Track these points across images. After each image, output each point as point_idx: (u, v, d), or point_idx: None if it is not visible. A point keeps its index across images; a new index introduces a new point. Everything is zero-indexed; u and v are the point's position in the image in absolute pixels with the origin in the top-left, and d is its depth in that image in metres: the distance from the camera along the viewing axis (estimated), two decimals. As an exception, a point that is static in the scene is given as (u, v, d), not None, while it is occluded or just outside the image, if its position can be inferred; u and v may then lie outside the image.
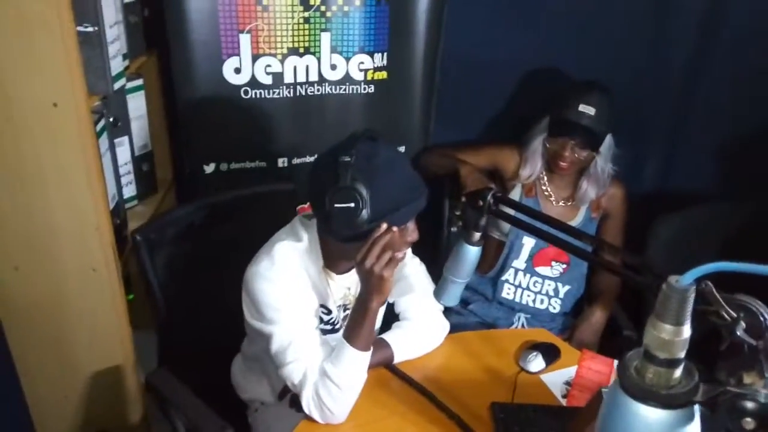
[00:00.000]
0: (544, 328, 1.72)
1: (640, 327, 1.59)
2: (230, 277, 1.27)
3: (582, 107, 1.66)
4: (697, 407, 0.39)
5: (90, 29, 1.28)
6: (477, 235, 1.13)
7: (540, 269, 1.81)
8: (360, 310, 1.18)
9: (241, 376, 1.46)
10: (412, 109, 1.93)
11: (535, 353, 1.38)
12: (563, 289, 1.82)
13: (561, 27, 1.97)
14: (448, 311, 1.70)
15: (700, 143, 2.15)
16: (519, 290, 1.82)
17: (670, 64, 2.07)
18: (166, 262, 1.48)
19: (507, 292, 1.82)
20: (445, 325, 1.44)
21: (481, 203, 1.11)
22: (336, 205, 1.11)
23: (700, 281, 0.91)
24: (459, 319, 1.83)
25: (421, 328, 1.39)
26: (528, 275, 1.81)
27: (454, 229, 1.15)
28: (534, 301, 1.82)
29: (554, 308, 1.83)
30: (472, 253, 1.14)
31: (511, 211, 1.19)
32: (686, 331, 0.38)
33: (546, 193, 1.82)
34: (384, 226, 1.13)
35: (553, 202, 1.82)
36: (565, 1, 1.95)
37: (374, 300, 1.16)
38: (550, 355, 1.39)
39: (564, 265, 1.80)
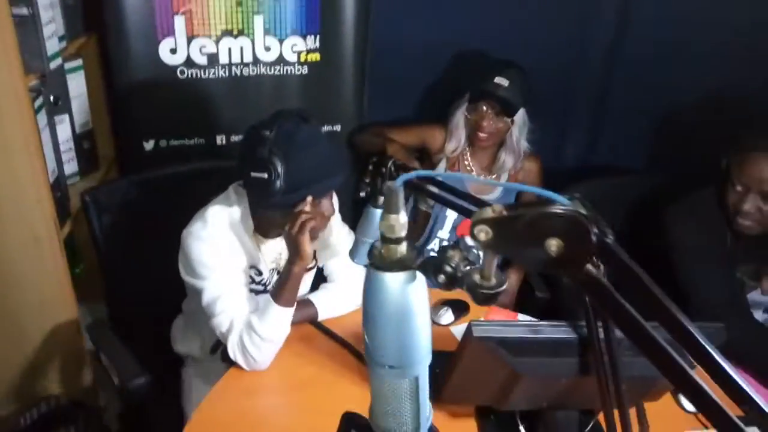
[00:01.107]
0: (468, 292, 1.87)
1: (552, 289, 1.76)
2: (172, 246, 1.37)
3: (497, 79, 1.82)
4: (419, 273, 0.55)
5: (24, 11, 1.36)
6: (381, 199, 1.26)
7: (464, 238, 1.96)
8: (284, 272, 1.32)
9: (179, 331, 1.58)
10: (345, 89, 2.04)
11: (445, 308, 1.53)
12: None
13: (486, 10, 2.10)
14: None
15: (618, 120, 2.33)
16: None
17: (590, 46, 2.23)
18: (111, 228, 1.59)
19: (432, 259, 1.97)
20: (367, 286, 1.57)
21: (383, 170, 1.24)
22: (252, 174, 1.24)
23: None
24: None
25: (343, 288, 1.52)
26: (446, 239, 1.96)
27: (362, 194, 1.28)
28: (457, 267, 1.98)
29: (475, 273, 1.98)
30: (377, 214, 1.27)
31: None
32: (403, 217, 0.53)
33: (468, 168, 1.97)
34: (309, 199, 1.25)
35: (475, 175, 1.97)
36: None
37: (296, 264, 1.29)
38: (460, 309, 1.54)
39: (484, 234, 1.95)
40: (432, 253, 1.98)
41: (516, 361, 1.02)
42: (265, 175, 1.22)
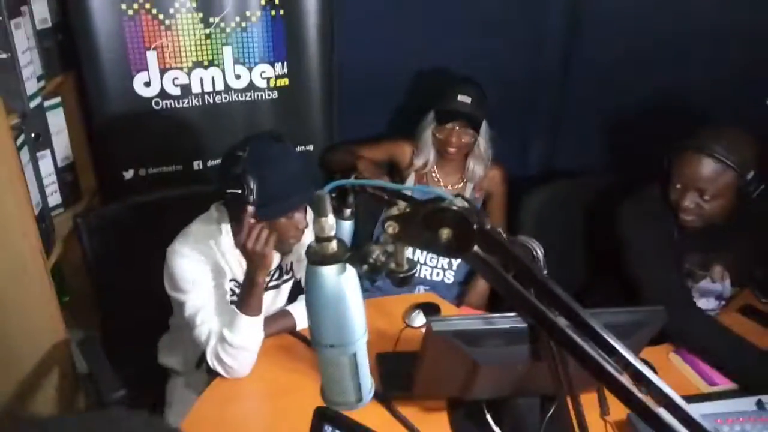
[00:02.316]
0: (444, 296, 1.96)
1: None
2: (157, 266, 1.46)
3: (460, 97, 1.94)
4: (349, 266, 0.64)
5: (3, 56, 1.45)
6: (347, 211, 1.35)
7: (434, 245, 2.05)
8: (248, 284, 1.39)
9: (165, 346, 1.67)
10: (314, 111, 2.14)
11: (417, 311, 1.62)
12: (456, 262, 2.07)
13: (444, 29, 2.20)
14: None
15: (576, 126, 2.45)
16: (417, 265, 2.07)
17: (544, 58, 2.35)
18: (101, 249, 1.69)
19: (406, 267, 2.07)
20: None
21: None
22: (229, 191, 1.33)
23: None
24: (366, 295, 2.06)
25: (319, 298, 1.61)
26: (424, 251, 2.06)
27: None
28: (431, 274, 2.08)
29: (449, 279, 2.08)
30: (345, 226, 1.36)
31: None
32: (331, 219, 0.62)
33: (436, 179, 2.07)
34: (250, 209, 1.33)
35: (443, 186, 2.07)
36: (444, 6, 2.19)
37: (259, 275, 1.37)
38: (431, 311, 1.64)
39: (454, 240, 2.05)
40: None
41: (473, 351, 1.11)
42: (240, 191, 1.31)
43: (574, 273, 1.97)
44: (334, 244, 0.64)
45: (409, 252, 2.05)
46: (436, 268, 2.08)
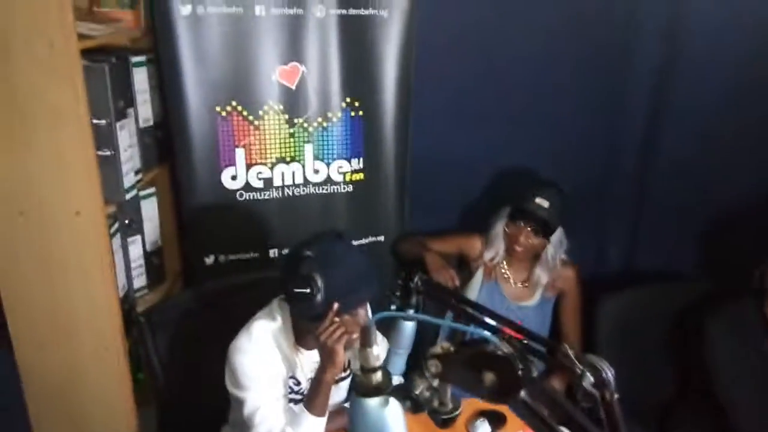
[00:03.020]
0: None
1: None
2: (223, 356, 1.48)
3: (538, 200, 1.92)
4: (393, 398, 0.63)
5: (108, 153, 1.61)
6: (410, 312, 1.35)
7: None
8: (316, 380, 1.40)
9: None
10: (387, 204, 2.20)
11: (482, 419, 1.56)
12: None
13: (519, 124, 2.23)
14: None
15: (660, 220, 2.35)
16: None
17: (622, 157, 2.32)
18: (168, 341, 1.71)
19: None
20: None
21: (411, 285, 1.34)
22: (295, 290, 1.36)
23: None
24: (431, 392, 2.01)
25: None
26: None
27: (393, 307, 1.37)
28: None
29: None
30: (407, 327, 1.36)
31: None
32: (376, 350, 0.62)
33: (505, 276, 2.04)
34: (335, 305, 1.36)
35: (512, 284, 2.03)
36: (521, 103, 2.21)
37: (327, 371, 1.37)
38: (497, 420, 1.56)
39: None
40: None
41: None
42: (307, 290, 1.35)
43: (655, 388, 1.82)
44: (378, 375, 0.64)
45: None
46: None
